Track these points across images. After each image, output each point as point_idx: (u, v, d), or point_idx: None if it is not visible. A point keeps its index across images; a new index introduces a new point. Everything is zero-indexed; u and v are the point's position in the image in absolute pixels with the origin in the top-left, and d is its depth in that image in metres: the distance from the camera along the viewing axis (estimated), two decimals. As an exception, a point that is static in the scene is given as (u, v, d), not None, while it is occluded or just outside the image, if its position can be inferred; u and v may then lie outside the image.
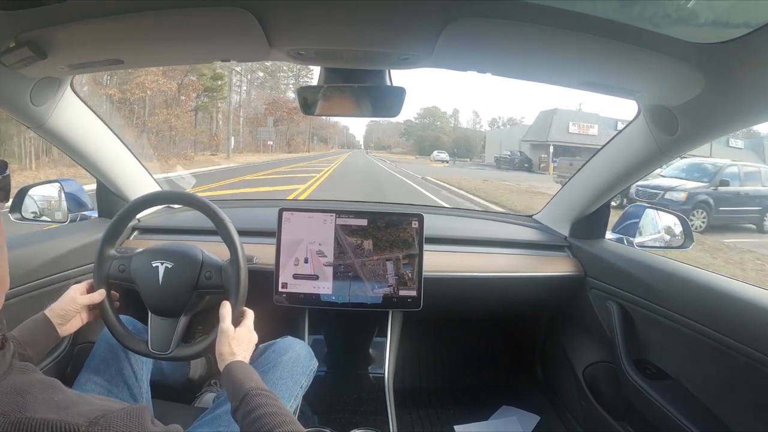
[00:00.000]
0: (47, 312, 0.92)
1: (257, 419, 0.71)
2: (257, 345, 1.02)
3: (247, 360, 0.91)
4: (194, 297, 1.01)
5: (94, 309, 1.01)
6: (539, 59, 0.89)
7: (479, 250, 1.61)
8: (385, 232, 1.36)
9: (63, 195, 1.51)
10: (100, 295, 1.00)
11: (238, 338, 0.92)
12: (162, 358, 1.00)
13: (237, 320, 0.97)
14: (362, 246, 1.36)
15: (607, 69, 0.90)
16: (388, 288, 1.35)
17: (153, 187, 1.61)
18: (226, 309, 0.95)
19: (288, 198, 7.31)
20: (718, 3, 0.70)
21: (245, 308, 1.01)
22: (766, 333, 0.93)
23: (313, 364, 1.19)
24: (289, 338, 1.19)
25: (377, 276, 1.35)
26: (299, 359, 1.13)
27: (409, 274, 1.36)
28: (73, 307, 0.95)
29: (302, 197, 9.23)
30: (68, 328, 0.95)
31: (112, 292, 1.04)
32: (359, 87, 1.03)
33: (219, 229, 1.00)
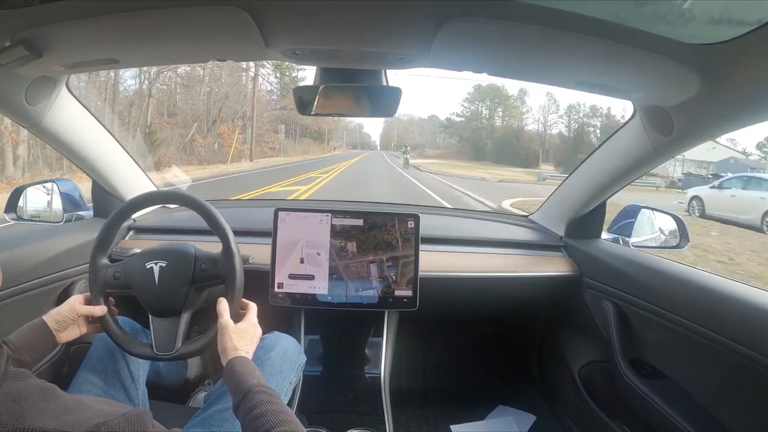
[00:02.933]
0: (45, 317, 0.92)
1: (258, 417, 0.71)
2: None
3: (250, 355, 0.90)
4: (192, 292, 1.00)
5: (94, 321, 1.00)
6: (535, 60, 0.89)
7: (475, 250, 1.61)
8: (381, 231, 1.36)
9: (58, 195, 1.50)
10: (101, 309, 0.99)
11: (239, 332, 0.92)
12: (168, 358, 1.00)
13: (238, 315, 0.97)
14: (358, 245, 1.35)
15: (602, 69, 0.91)
16: (384, 288, 1.35)
17: (148, 187, 1.61)
18: (222, 305, 0.95)
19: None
20: (714, 3, 0.70)
21: (248, 302, 1.01)
22: (760, 332, 0.93)
23: (301, 358, 1.19)
24: (276, 333, 1.18)
25: (372, 276, 1.35)
26: (287, 354, 1.13)
27: (393, 276, 1.36)
28: (71, 314, 0.94)
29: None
30: (66, 335, 0.95)
31: (110, 299, 1.04)
32: (355, 86, 1.03)
33: (208, 222, 1.00)
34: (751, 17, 0.65)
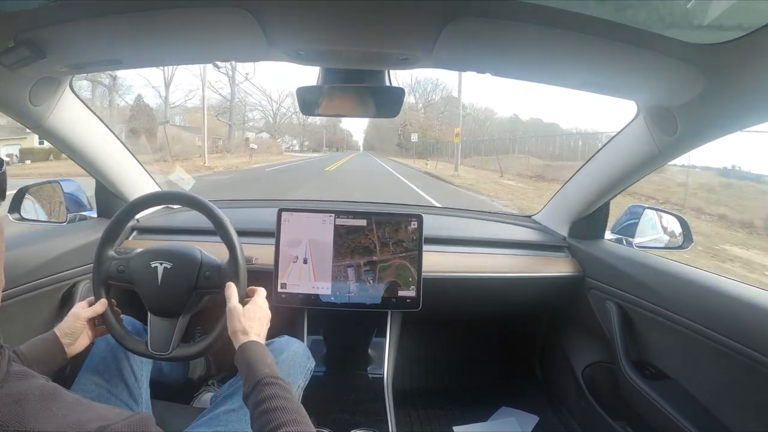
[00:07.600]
0: (56, 331, 0.93)
1: (266, 412, 0.70)
2: None
3: (262, 337, 0.90)
4: (193, 297, 1.01)
5: (100, 325, 1.01)
6: (538, 60, 0.89)
7: (478, 250, 1.61)
8: (385, 231, 1.35)
9: (62, 195, 1.51)
10: (102, 305, 0.99)
11: (248, 314, 0.91)
12: (162, 358, 1.00)
13: (244, 300, 0.96)
14: (361, 246, 1.35)
15: (606, 69, 0.90)
16: (387, 288, 1.35)
17: (152, 188, 1.61)
18: (231, 290, 0.95)
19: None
20: (718, 3, 0.70)
21: (256, 288, 1.01)
22: (764, 333, 0.93)
23: (311, 363, 1.19)
24: (286, 337, 1.18)
25: (375, 276, 1.35)
26: (296, 358, 1.13)
27: (370, 281, 1.35)
28: (78, 323, 0.95)
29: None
30: (77, 347, 0.95)
31: (112, 300, 1.04)
32: (359, 87, 1.03)
33: (217, 229, 1.00)
34: (755, 18, 0.65)
